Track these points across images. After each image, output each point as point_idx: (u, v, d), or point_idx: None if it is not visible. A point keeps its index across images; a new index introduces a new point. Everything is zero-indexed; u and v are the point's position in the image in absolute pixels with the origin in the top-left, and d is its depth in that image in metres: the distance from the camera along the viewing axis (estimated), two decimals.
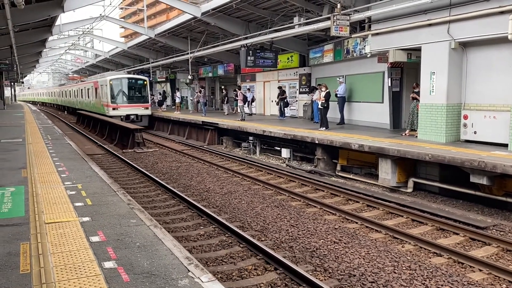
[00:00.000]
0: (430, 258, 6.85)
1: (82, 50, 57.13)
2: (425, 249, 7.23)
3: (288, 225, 8.34)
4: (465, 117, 11.73)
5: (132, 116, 27.40)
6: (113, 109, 27.35)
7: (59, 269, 4.29)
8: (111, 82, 27.74)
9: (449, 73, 11.78)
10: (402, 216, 9.09)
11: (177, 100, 30.50)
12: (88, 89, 35.51)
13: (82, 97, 38.76)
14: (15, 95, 68.54)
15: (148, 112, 28.68)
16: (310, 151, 15.00)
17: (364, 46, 16.52)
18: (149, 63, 36.96)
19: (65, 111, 52.01)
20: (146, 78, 29.48)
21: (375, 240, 7.57)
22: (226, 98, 28.26)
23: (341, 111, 17.68)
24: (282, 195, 10.94)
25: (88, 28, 36.60)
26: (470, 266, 6.49)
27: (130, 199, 7.24)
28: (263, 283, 5.85)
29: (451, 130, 12.00)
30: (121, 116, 26.64)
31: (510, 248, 7.15)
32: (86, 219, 5.95)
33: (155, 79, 40.79)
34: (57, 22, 24.72)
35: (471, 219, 8.65)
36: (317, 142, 13.62)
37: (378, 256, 6.78)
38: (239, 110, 22.93)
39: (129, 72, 42.14)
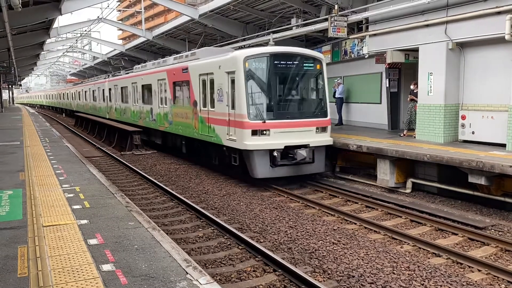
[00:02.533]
0: (429, 258, 6.85)
1: (80, 52, 57.09)
2: (423, 249, 7.22)
3: (287, 226, 8.33)
4: (463, 118, 11.74)
5: (302, 154, 11.23)
6: (255, 133, 11.14)
7: (57, 272, 4.28)
8: (247, 64, 11.31)
9: (447, 74, 11.80)
10: (400, 216, 9.08)
11: None
12: (143, 86, 19.60)
13: (123, 100, 23.50)
14: (13, 98, 68.54)
15: (327, 138, 12.15)
16: None
17: (362, 47, 16.52)
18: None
19: (63, 114, 51.41)
20: (321, 56, 12.75)
21: (374, 241, 7.56)
22: None
23: (339, 112, 17.69)
24: (281, 196, 10.92)
25: (86, 30, 36.59)
26: (469, 266, 6.49)
27: (128, 202, 7.24)
28: (262, 285, 5.83)
29: (449, 131, 12.01)
30: (275, 150, 11.15)
31: (509, 248, 7.16)
32: (84, 221, 5.95)
33: None
34: (55, 25, 24.69)
35: (469, 219, 8.66)
36: None
37: (377, 257, 6.78)
38: None
39: None
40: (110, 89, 26.56)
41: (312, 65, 12.08)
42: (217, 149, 12.95)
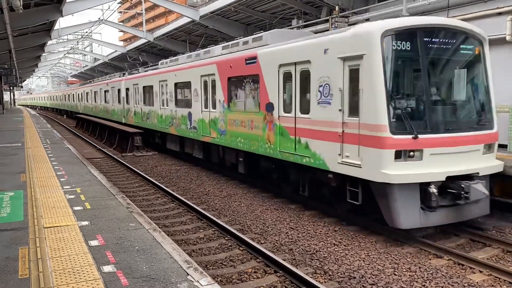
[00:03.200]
0: (430, 259, 6.83)
1: (81, 54, 57.24)
2: (425, 250, 7.21)
3: (288, 227, 8.33)
4: None
5: (479, 190, 7.16)
6: (399, 155, 7.09)
7: (58, 273, 4.28)
8: (385, 43, 7.23)
9: None
10: None
11: None
12: (177, 85, 15.83)
13: (146, 102, 19.39)
14: (14, 100, 68.76)
15: (497, 163, 8.16)
16: None
17: None
18: (149, 66, 36.98)
19: (65, 115, 51.35)
20: (483, 34, 8.20)
21: (375, 242, 7.54)
22: None
23: None
24: (282, 197, 10.90)
25: (87, 32, 36.68)
26: (470, 268, 6.48)
27: (129, 203, 7.25)
28: (263, 286, 5.83)
29: None
30: (431, 183, 7.07)
31: (510, 249, 7.14)
32: (85, 223, 5.95)
33: None
34: (56, 26, 24.78)
35: (471, 220, 8.62)
36: None
37: (378, 258, 6.77)
38: None
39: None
40: (127, 89, 22.38)
41: (470, 47, 8.08)
42: (313, 174, 9.07)
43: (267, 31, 11.62)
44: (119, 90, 23.96)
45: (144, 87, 19.59)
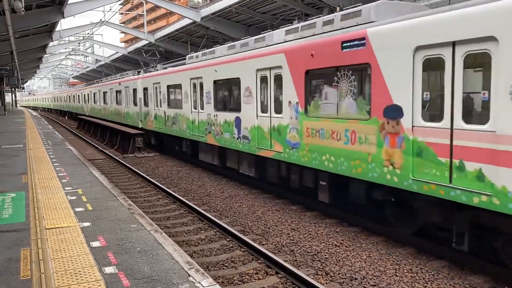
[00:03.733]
0: (431, 260, 6.83)
1: (83, 55, 57.37)
2: (426, 251, 7.20)
3: (289, 228, 8.33)
4: None
5: None
6: None
7: (60, 274, 4.30)
8: None
9: None
10: None
11: None
12: (218, 83, 12.78)
13: (171, 104, 16.62)
14: (16, 101, 68.95)
15: None
16: None
17: None
18: (151, 67, 36.97)
19: (66, 116, 51.40)
20: None
21: (376, 243, 7.54)
22: None
23: None
24: (283, 198, 10.91)
25: (88, 33, 36.73)
26: (471, 269, 6.46)
27: (130, 204, 7.26)
28: (264, 287, 5.84)
29: None
30: None
31: None
32: (86, 224, 5.97)
33: None
34: (57, 28, 24.86)
35: None
36: None
37: (379, 259, 6.76)
38: None
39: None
40: (145, 89, 19.69)
41: None
42: (484, 221, 6.12)
43: (369, 4, 8.18)
44: (134, 90, 21.05)
45: (168, 86, 16.57)
